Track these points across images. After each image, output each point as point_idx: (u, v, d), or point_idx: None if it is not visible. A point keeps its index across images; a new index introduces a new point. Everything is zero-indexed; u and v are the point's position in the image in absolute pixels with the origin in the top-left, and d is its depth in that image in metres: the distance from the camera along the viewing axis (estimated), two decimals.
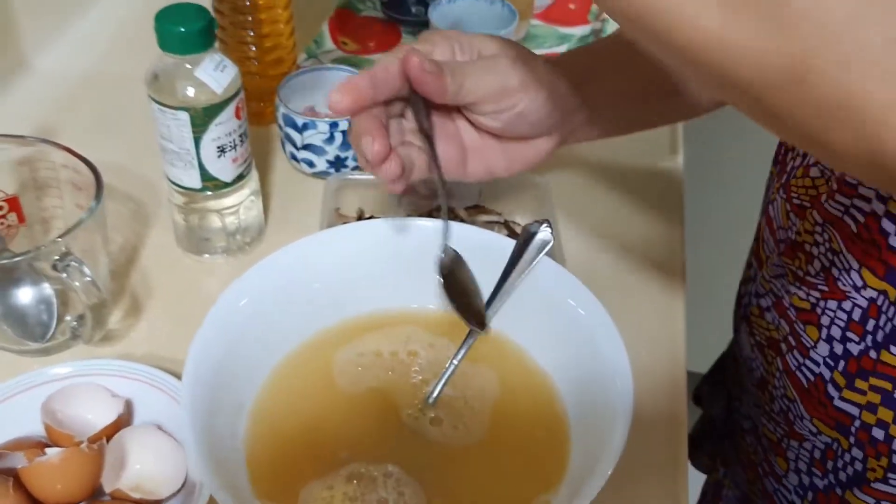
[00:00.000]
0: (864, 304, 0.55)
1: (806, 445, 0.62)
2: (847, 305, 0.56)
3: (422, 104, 0.56)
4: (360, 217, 0.75)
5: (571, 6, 1.05)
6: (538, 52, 0.98)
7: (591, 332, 0.56)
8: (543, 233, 0.59)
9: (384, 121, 0.56)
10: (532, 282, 0.59)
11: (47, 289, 0.65)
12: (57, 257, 0.59)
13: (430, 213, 0.71)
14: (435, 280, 0.56)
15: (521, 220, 0.76)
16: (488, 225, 0.74)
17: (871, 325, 0.55)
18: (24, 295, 0.65)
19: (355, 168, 0.81)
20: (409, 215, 0.75)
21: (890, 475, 0.58)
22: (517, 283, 0.59)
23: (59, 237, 0.60)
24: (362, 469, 0.53)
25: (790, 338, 0.61)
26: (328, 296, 0.60)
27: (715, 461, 0.82)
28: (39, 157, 0.68)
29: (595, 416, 0.53)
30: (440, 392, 0.56)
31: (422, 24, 0.98)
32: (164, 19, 0.63)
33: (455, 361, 0.57)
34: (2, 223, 0.69)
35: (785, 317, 0.61)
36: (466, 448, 0.55)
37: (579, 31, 1.02)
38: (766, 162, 0.68)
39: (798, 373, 0.60)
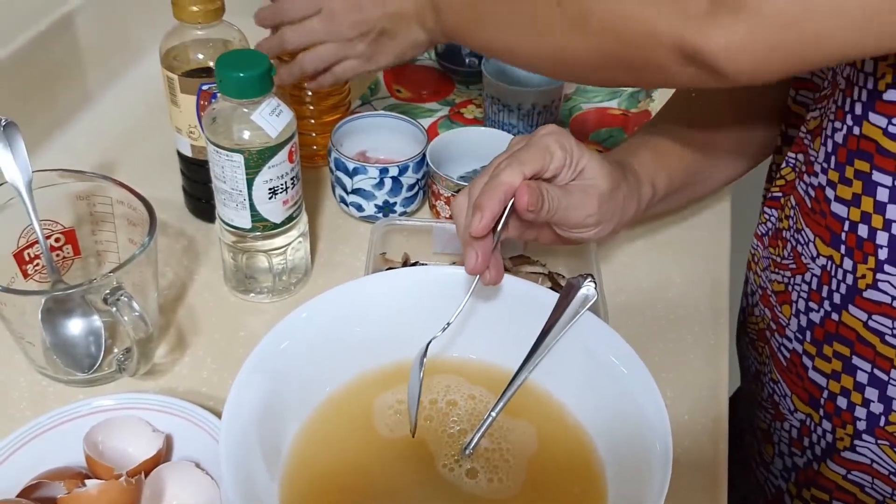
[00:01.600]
0: (818, 272, 0.61)
1: (785, 426, 0.68)
2: (808, 277, 0.62)
3: (510, 208, 0.59)
4: (406, 262, 0.76)
5: None
6: (588, 106, 0.99)
7: (632, 391, 0.55)
8: (587, 287, 0.59)
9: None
10: (574, 336, 0.59)
11: (97, 321, 0.67)
12: (108, 291, 0.61)
13: None
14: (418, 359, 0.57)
15: (564, 271, 0.76)
16: (532, 276, 0.74)
17: (825, 290, 0.61)
18: (75, 326, 0.66)
19: (403, 213, 0.81)
20: (453, 263, 0.75)
21: (857, 442, 0.63)
22: (558, 337, 0.59)
23: (112, 271, 0.61)
24: None
25: (772, 323, 0.67)
26: (370, 341, 0.60)
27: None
28: (97, 192, 0.70)
29: (633, 478, 0.52)
30: (477, 443, 0.56)
31: (474, 75, 1.00)
32: (224, 65, 0.65)
33: (493, 413, 0.57)
34: (58, 255, 0.71)
35: (767, 304, 0.68)
36: (501, 502, 0.54)
37: (629, 87, 1.02)
38: None
39: (779, 354, 0.66)
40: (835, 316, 0.61)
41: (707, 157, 0.73)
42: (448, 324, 0.58)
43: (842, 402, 0.62)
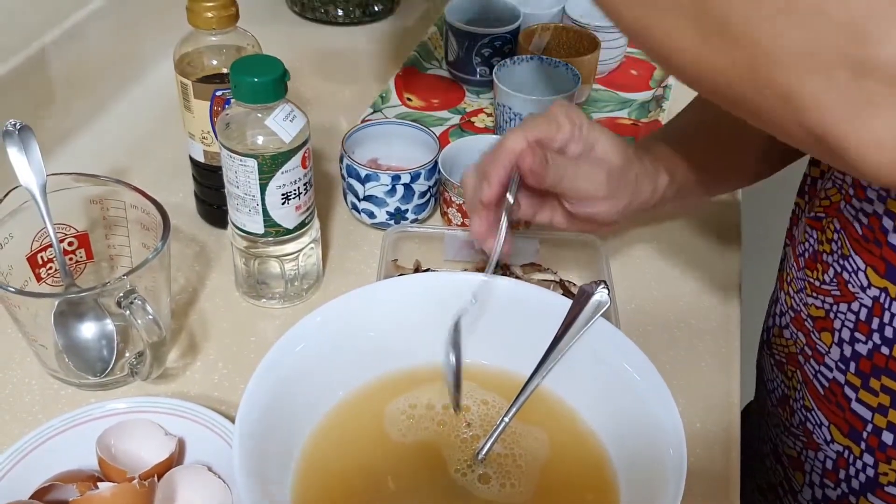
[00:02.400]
0: (869, 303, 0.58)
1: (819, 456, 0.65)
2: (855, 307, 0.59)
3: (518, 179, 0.61)
4: (417, 269, 0.76)
5: (634, 72, 1.06)
6: (599, 115, 0.99)
7: (645, 398, 0.55)
8: (600, 294, 0.59)
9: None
10: (586, 343, 0.58)
11: (109, 325, 0.67)
12: (122, 294, 0.61)
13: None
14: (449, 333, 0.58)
15: (576, 279, 0.76)
16: (543, 283, 0.74)
17: (875, 323, 0.58)
18: (87, 330, 0.66)
19: (414, 220, 0.82)
20: (465, 270, 0.76)
21: None
22: (571, 343, 0.59)
23: (126, 275, 0.62)
24: None
25: (807, 348, 0.64)
26: (382, 346, 0.60)
27: None
28: (110, 197, 0.70)
29: (646, 484, 0.52)
30: (490, 448, 0.56)
31: (485, 84, 1.00)
32: (238, 70, 0.65)
33: (506, 419, 0.57)
34: (71, 259, 0.71)
35: (802, 328, 0.64)
36: None
37: (641, 96, 1.02)
38: None
39: (815, 381, 0.63)
40: (885, 349, 0.57)
41: (731, 154, 0.71)
42: (475, 298, 0.60)
43: (888, 438, 0.60)
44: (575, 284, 0.75)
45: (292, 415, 0.56)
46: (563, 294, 0.73)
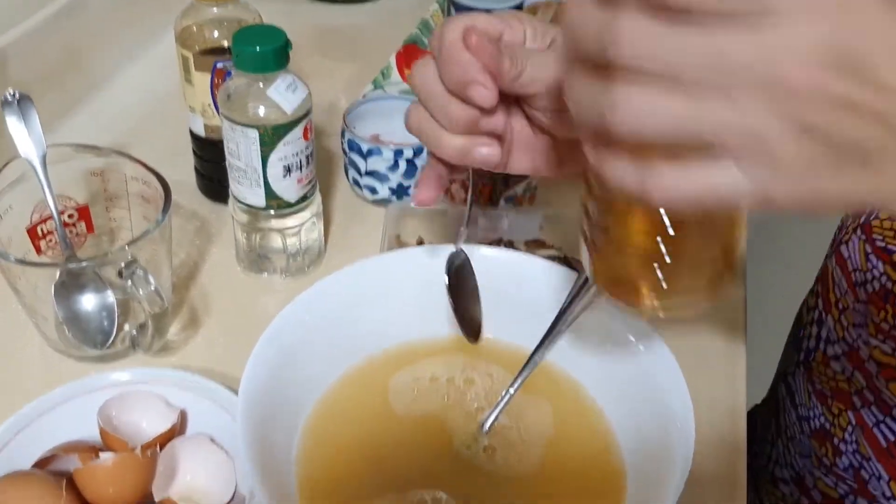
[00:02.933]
0: None
1: None
2: None
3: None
4: (420, 245, 0.76)
5: None
6: None
7: (652, 371, 0.55)
8: None
9: None
10: (592, 316, 0.58)
11: (110, 297, 0.66)
12: (123, 265, 0.60)
13: (492, 244, 0.71)
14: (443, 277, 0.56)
15: (580, 258, 0.75)
16: (548, 260, 0.74)
17: None
18: (88, 302, 0.66)
19: None
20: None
21: None
22: (577, 317, 0.58)
23: (127, 245, 0.61)
24: (412, 493, 0.52)
25: (867, 393, 0.57)
26: (386, 319, 0.60)
27: None
28: (112, 169, 0.70)
29: (652, 458, 0.52)
30: (495, 421, 0.56)
31: None
32: (240, 40, 0.65)
33: (511, 390, 0.56)
34: (71, 231, 0.70)
35: (861, 369, 0.58)
36: (518, 479, 0.54)
37: None
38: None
39: (876, 430, 0.57)
40: None
41: None
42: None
43: None
44: (579, 261, 0.75)
45: (296, 386, 0.55)
46: None
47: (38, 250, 0.69)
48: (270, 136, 0.66)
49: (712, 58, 0.27)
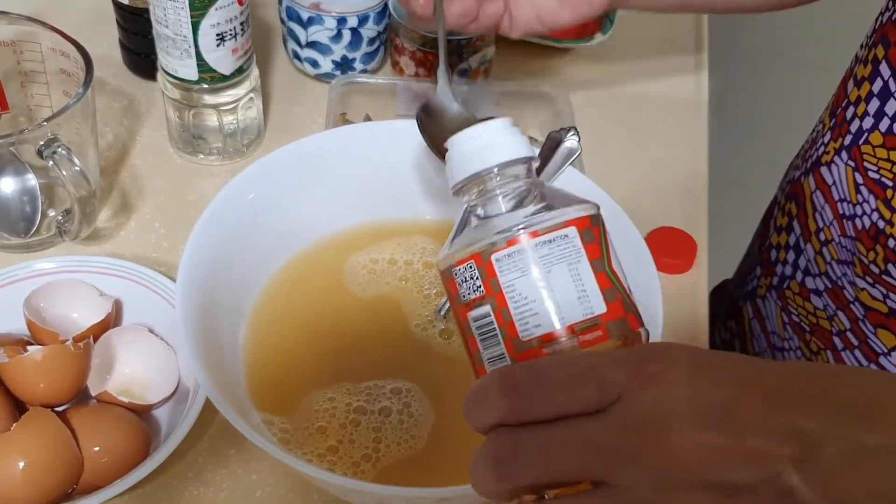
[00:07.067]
0: None
1: None
2: None
3: None
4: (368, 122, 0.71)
5: None
6: None
7: (619, 251, 0.52)
8: (570, 141, 0.55)
9: None
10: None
11: (32, 180, 0.61)
12: (43, 143, 0.55)
13: None
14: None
15: (538, 134, 0.72)
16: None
17: None
18: (6, 185, 0.60)
19: (363, 71, 0.76)
20: None
21: None
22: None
23: (46, 120, 0.55)
24: (367, 378, 0.49)
25: (849, 335, 0.55)
26: (340, 200, 0.56)
27: None
28: (25, 39, 0.63)
29: None
30: None
31: None
32: None
33: None
34: None
35: (846, 311, 0.54)
36: None
37: None
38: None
39: None
40: None
41: None
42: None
43: None
44: (536, 140, 0.71)
45: (240, 271, 0.51)
46: None
47: None
48: (201, 0, 0.60)
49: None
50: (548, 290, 0.34)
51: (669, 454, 0.28)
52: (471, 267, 0.35)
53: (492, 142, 0.38)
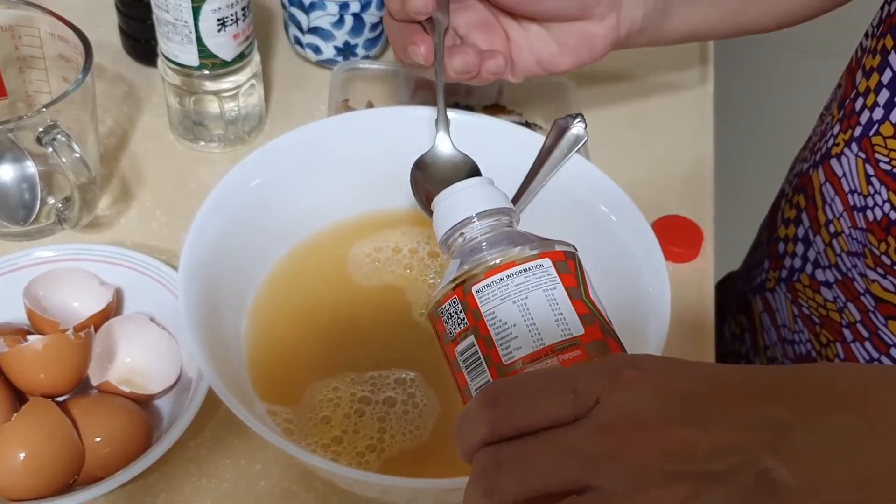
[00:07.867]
0: None
1: None
2: None
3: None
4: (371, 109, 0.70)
5: None
6: None
7: (624, 240, 0.51)
8: (577, 128, 0.54)
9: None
10: (560, 181, 0.54)
11: (31, 167, 0.60)
12: (42, 129, 0.54)
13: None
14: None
15: (541, 121, 0.71)
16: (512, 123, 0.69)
17: None
18: (5, 172, 0.60)
19: (365, 57, 0.75)
20: None
21: None
22: (544, 182, 0.54)
23: (45, 107, 0.55)
24: (371, 368, 0.49)
25: (860, 326, 0.54)
26: (344, 187, 0.55)
27: None
28: (23, 24, 0.62)
29: (626, 327, 0.49)
30: None
31: None
32: None
33: None
34: None
35: (857, 304, 0.54)
36: None
37: None
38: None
39: None
40: None
41: None
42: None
43: None
44: (541, 128, 0.71)
45: (243, 259, 0.51)
46: None
47: None
48: None
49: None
50: (525, 313, 0.37)
51: (642, 450, 0.28)
52: (454, 302, 0.38)
53: (472, 194, 0.42)
